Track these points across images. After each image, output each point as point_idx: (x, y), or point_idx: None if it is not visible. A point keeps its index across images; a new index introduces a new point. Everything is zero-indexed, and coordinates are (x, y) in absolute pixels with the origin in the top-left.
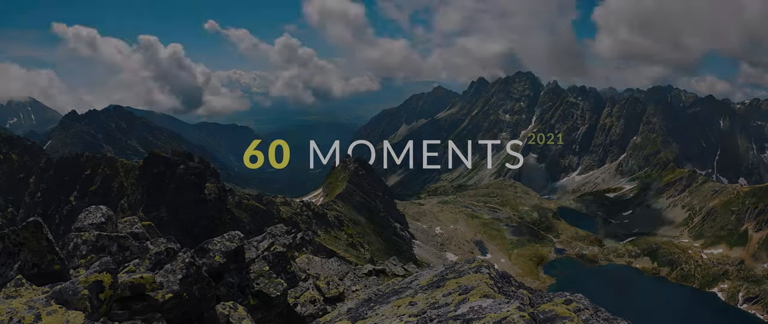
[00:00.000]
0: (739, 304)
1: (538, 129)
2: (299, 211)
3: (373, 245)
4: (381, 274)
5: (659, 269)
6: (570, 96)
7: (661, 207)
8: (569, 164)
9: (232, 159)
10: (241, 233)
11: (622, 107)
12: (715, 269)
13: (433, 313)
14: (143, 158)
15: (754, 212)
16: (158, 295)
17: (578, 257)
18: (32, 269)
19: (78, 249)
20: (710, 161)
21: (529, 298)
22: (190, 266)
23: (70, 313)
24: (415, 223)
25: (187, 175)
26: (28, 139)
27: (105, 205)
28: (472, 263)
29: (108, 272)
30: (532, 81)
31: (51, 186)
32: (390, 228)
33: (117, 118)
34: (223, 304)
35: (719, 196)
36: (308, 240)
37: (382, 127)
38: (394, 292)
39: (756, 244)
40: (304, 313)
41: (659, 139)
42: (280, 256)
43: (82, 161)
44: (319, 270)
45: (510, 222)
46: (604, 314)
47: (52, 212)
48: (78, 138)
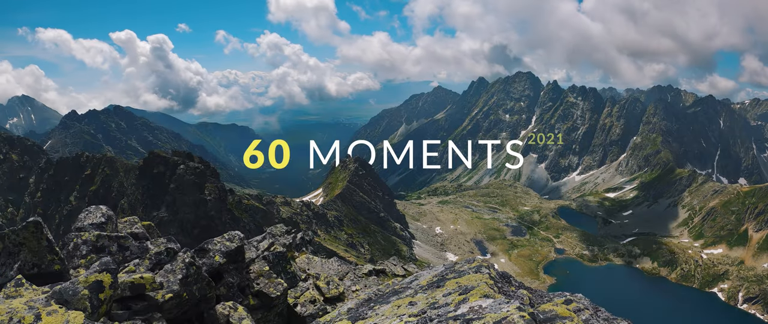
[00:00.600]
0: (739, 304)
1: (538, 129)
2: (299, 211)
3: (373, 245)
4: (381, 274)
5: (659, 269)
6: (570, 96)
7: (661, 207)
8: (569, 164)
9: (232, 159)
10: (241, 233)
11: (622, 107)
12: (715, 269)
13: (433, 313)
14: (143, 158)
15: (754, 212)
16: (158, 295)
17: (578, 257)
18: (32, 269)
19: (78, 249)
20: (710, 161)
21: (529, 298)
22: (190, 266)
23: (70, 313)
24: (415, 223)
25: (187, 175)
26: (28, 139)
27: (105, 205)
28: (472, 263)
29: (108, 272)
30: (532, 81)
31: (51, 186)
32: (390, 228)
33: (117, 118)
34: (223, 304)
35: (719, 196)
36: (308, 240)
37: (382, 127)
38: (394, 292)
39: (756, 244)
40: (304, 313)
41: (659, 139)
42: (280, 256)
43: (82, 161)
44: (319, 270)
45: (510, 222)
46: (604, 314)
47: (52, 212)
48: (78, 138)
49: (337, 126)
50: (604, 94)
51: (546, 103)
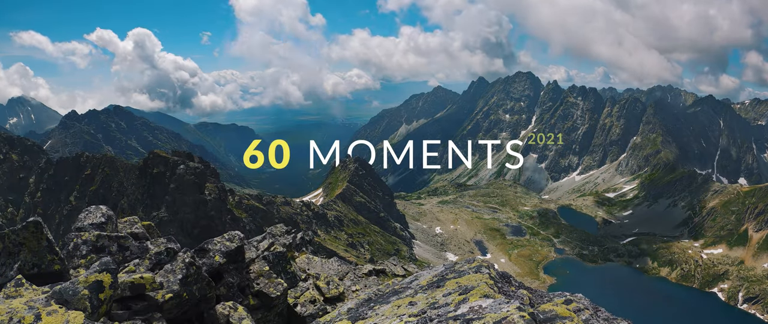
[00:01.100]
0: (739, 304)
1: (538, 129)
2: (299, 211)
3: (373, 245)
4: (381, 274)
5: (659, 269)
6: (570, 96)
7: (660, 207)
8: (569, 164)
9: (232, 159)
10: (241, 233)
11: (622, 107)
12: (715, 269)
13: (433, 313)
14: (143, 158)
15: (754, 212)
16: (158, 295)
17: (578, 257)
18: (32, 269)
19: (78, 249)
20: (710, 161)
21: (529, 298)
22: (190, 266)
23: (70, 313)
24: (415, 223)
25: (187, 175)
26: (28, 139)
27: (105, 205)
28: (472, 263)
29: (108, 272)
30: (532, 81)
31: (51, 186)
32: (390, 228)
33: (117, 118)
34: (223, 304)
35: (719, 196)
36: (308, 240)
37: (382, 127)
38: (394, 292)
39: (756, 244)
40: (304, 313)
41: (659, 139)
42: (280, 256)
43: (82, 161)
44: (319, 270)
45: (510, 222)
46: (604, 314)
47: (52, 212)
48: (78, 138)
49: (337, 126)
50: (604, 94)
51: (546, 103)
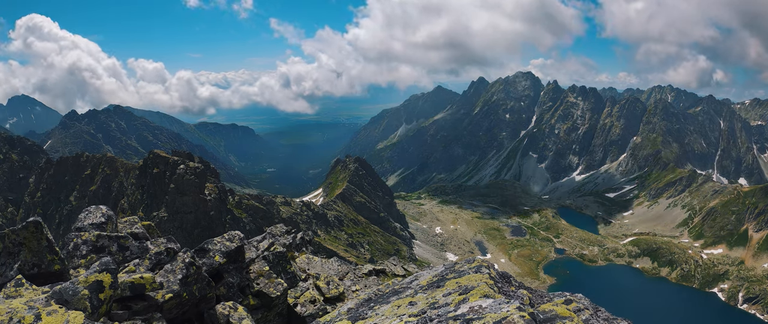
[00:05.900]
0: (739, 304)
1: (538, 129)
2: (299, 211)
3: (373, 245)
4: (381, 274)
5: (659, 269)
6: (570, 96)
7: (660, 207)
8: (569, 164)
9: (232, 159)
10: (241, 233)
11: (622, 107)
12: (715, 269)
13: (433, 313)
14: (143, 158)
15: (754, 212)
16: (158, 295)
17: (578, 257)
18: (32, 269)
19: (78, 249)
20: (710, 161)
21: (529, 298)
22: (190, 266)
23: (70, 313)
24: (415, 223)
25: (187, 175)
26: (28, 139)
27: (105, 205)
28: (472, 263)
29: (108, 272)
30: (532, 81)
31: (51, 186)
32: (390, 228)
33: (117, 117)
34: (223, 304)
35: (719, 196)
36: (308, 240)
37: (382, 127)
38: (394, 292)
39: (756, 244)
40: (304, 313)
41: (659, 139)
42: (280, 256)
43: (82, 161)
44: (319, 270)
45: (510, 222)
46: (604, 314)
47: (52, 212)
48: (78, 138)
49: (337, 126)
50: (604, 94)
51: (546, 103)
